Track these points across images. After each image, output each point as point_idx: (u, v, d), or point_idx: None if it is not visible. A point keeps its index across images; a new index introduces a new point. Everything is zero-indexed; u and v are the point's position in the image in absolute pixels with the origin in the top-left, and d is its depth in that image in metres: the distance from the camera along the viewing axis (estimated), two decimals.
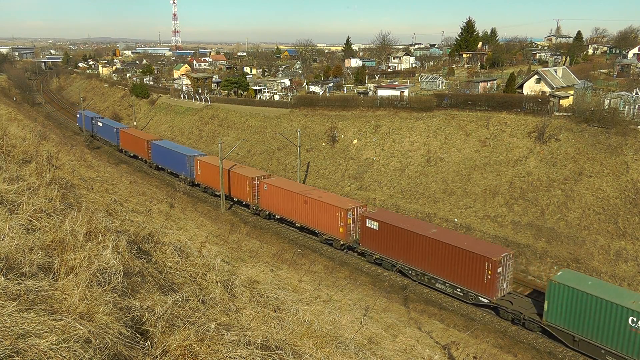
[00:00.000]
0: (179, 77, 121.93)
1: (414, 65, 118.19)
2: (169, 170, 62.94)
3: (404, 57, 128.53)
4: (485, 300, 30.93)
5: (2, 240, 5.87)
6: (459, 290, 32.19)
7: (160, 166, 64.96)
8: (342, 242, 39.81)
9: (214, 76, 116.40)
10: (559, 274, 28.28)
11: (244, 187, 49.35)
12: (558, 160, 42.94)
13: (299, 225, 44.10)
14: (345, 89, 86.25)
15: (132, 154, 72.44)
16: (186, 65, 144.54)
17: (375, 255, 37.20)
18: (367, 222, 37.09)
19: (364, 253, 38.40)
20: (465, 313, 32.31)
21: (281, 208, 45.45)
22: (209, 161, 55.24)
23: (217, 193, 51.92)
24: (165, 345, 4.79)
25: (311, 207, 41.65)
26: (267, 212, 47.50)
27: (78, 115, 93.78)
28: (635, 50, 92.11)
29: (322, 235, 41.61)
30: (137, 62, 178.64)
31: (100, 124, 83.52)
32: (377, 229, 36.21)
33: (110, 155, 68.20)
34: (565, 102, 52.65)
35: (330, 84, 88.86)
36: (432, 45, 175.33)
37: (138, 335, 4.86)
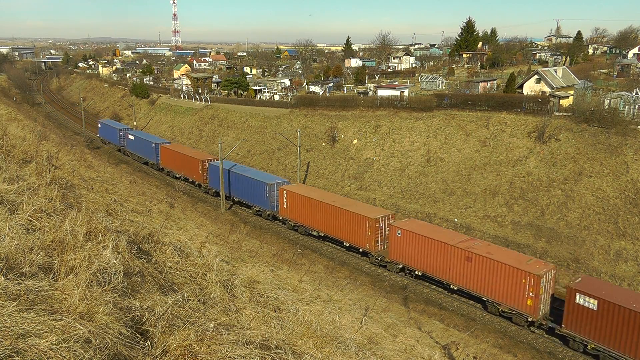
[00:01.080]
0: (179, 77, 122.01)
1: (414, 65, 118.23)
2: (236, 200, 51.67)
3: (404, 57, 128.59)
4: None
5: (2, 240, 5.87)
6: None
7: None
8: (529, 318, 29.78)
9: (214, 76, 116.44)
10: None
11: (362, 230, 38.50)
12: (558, 160, 42.95)
13: (455, 288, 33.47)
14: (345, 89, 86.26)
15: (178, 176, 60.28)
16: (186, 65, 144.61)
17: (590, 343, 27.58)
18: (578, 297, 27.64)
19: (569, 338, 28.48)
20: (465, 313, 32.33)
21: (425, 262, 34.70)
22: (302, 192, 44.25)
23: (320, 234, 43.09)
24: (165, 345, 4.79)
25: (478, 266, 31.66)
26: (400, 266, 36.69)
27: (100, 125, 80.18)
28: (635, 50, 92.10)
29: (495, 306, 31.35)
30: (137, 62, 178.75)
31: (131, 137, 70.54)
32: (595, 308, 26.98)
33: (110, 155, 68.14)
34: (565, 102, 52.68)
35: (330, 84, 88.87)
36: (432, 45, 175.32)
37: (138, 335, 4.86)
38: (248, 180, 49.34)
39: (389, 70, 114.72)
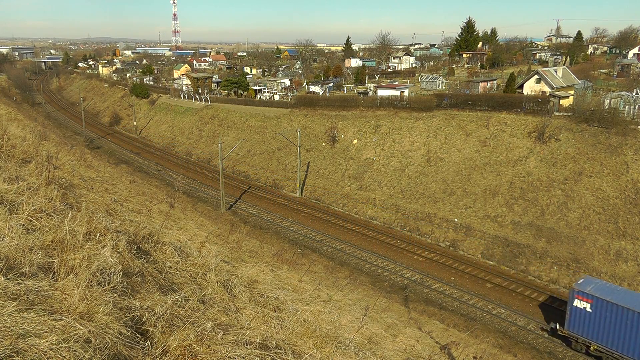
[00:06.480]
0: (179, 77, 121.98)
1: (414, 65, 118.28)
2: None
3: (404, 57, 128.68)
4: None
5: (2, 240, 5.86)
6: None
7: None
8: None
9: (214, 76, 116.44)
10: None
11: None
12: (558, 160, 42.94)
13: None
14: (345, 89, 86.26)
15: None
16: (186, 65, 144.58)
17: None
18: None
19: None
20: (465, 313, 32.32)
21: None
22: None
23: None
24: (165, 345, 4.78)
25: None
26: None
27: (591, 307, 26.79)
28: (635, 50, 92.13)
29: None
30: (137, 62, 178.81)
31: None
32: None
33: (110, 155, 68.02)
34: (565, 102, 52.66)
35: (330, 84, 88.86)
36: (432, 45, 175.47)
37: (138, 335, 4.86)
38: None
39: (389, 70, 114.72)
